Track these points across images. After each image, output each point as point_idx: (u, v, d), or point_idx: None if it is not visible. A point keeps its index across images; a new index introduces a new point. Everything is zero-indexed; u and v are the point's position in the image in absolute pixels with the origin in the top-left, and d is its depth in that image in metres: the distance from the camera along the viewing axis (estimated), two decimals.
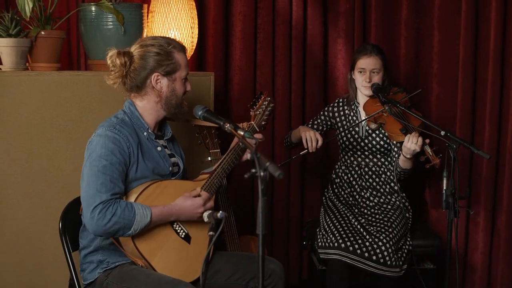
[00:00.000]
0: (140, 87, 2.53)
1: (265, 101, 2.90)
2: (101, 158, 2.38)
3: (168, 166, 2.58)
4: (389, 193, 3.32)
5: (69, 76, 3.03)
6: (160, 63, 2.49)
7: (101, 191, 2.34)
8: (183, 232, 2.53)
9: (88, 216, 2.33)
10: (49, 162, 3.00)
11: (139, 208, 2.36)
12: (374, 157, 3.34)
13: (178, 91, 2.55)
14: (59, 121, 3.00)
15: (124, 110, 2.56)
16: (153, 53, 2.49)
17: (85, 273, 2.52)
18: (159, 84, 2.52)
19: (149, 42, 2.52)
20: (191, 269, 2.51)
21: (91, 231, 2.37)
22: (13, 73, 2.98)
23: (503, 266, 3.68)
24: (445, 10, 3.66)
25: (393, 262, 3.00)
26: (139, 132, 2.52)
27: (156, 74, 2.50)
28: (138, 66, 2.50)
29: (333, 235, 3.07)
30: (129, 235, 2.36)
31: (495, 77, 3.60)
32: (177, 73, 2.53)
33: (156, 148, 2.56)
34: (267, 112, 2.89)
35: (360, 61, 3.25)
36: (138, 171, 2.46)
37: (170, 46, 2.51)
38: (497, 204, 3.69)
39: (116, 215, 2.32)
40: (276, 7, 3.72)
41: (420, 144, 2.96)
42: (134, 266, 2.45)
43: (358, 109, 3.36)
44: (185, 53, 2.58)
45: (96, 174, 2.36)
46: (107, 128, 2.44)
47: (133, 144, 2.46)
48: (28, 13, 2.95)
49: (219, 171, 2.64)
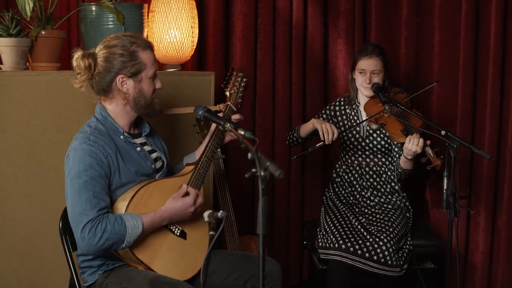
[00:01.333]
0: (107, 90, 2.46)
1: (237, 77, 2.84)
2: (80, 174, 2.33)
3: (150, 164, 2.53)
4: (389, 192, 3.32)
5: (70, 76, 3.00)
6: (125, 64, 2.41)
7: (86, 209, 2.29)
8: (178, 229, 2.51)
9: (78, 237, 2.31)
10: (49, 162, 2.99)
11: (129, 220, 2.32)
12: (375, 157, 3.34)
13: (146, 91, 2.47)
14: (59, 121, 3.00)
15: (96, 117, 2.49)
16: (117, 54, 2.40)
17: (85, 275, 2.51)
18: (125, 86, 2.44)
19: (113, 43, 2.43)
20: (190, 266, 2.50)
21: (85, 251, 2.36)
22: (13, 73, 2.98)
23: (503, 266, 3.68)
24: (446, 10, 3.66)
25: (393, 262, 3.00)
26: (115, 137, 2.46)
27: (121, 76, 2.42)
28: (103, 69, 2.42)
29: (333, 236, 3.07)
30: (123, 248, 2.33)
31: (496, 77, 3.60)
32: (143, 73, 2.45)
33: (135, 149, 2.51)
34: (242, 88, 2.83)
35: (361, 62, 3.25)
36: (122, 177, 2.42)
37: (133, 45, 2.42)
38: (497, 204, 3.69)
39: (106, 231, 2.28)
40: (277, 7, 3.72)
41: (421, 145, 2.95)
42: (132, 268, 2.45)
43: (359, 109, 3.36)
44: (152, 49, 2.49)
45: (78, 192, 2.32)
46: (81, 140, 2.38)
47: (111, 153, 2.40)
48: (28, 13, 2.95)
49: (203, 161, 2.60)
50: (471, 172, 3.70)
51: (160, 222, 2.42)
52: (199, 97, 3.20)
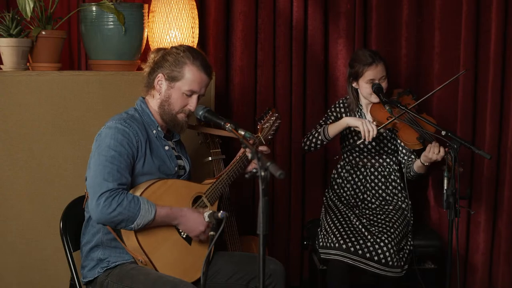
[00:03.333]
0: (150, 84, 2.58)
1: (272, 116, 2.99)
2: (109, 148, 2.40)
3: (174, 166, 2.60)
4: (391, 194, 3.32)
5: (70, 76, 3.04)
6: (169, 67, 2.53)
7: (108, 180, 2.36)
8: (185, 233, 2.53)
9: (93, 203, 2.35)
10: (49, 162, 3.00)
11: (145, 203, 2.38)
12: (380, 158, 3.34)
13: (174, 100, 2.54)
14: (60, 121, 3.00)
15: (135, 108, 2.60)
16: (170, 56, 2.54)
17: (85, 270, 2.53)
18: (159, 84, 2.56)
19: (176, 47, 2.58)
20: (191, 269, 2.51)
21: (95, 218, 2.37)
22: (14, 73, 2.98)
23: (504, 266, 3.68)
24: (446, 10, 3.66)
25: (394, 263, 3.00)
26: (149, 129, 2.55)
27: (161, 74, 2.54)
28: (156, 64, 2.57)
29: (334, 236, 3.07)
30: (131, 228, 2.37)
31: (496, 78, 3.60)
32: (178, 82, 2.53)
33: (164, 147, 2.58)
34: (274, 127, 2.97)
35: (369, 72, 3.19)
36: (145, 166, 2.48)
37: (187, 58, 2.53)
38: (498, 204, 3.69)
39: (121, 205, 2.33)
40: (277, 7, 3.71)
41: (442, 154, 2.96)
42: (133, 266, 2.46)
43: (362, 112, 3.34)
44: (206, 73, 2.55)
45: (103, 164, 2.38)
46: (117, 121, 2.47)
47: (142, 139, 2.49)
48: (29, 13, 2.95)
49: (224, 178, 2.69)
50: (472, 173, 3.70)
51: (172, 220, 2.46)
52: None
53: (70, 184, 2.99)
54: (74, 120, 3.01)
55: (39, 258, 3.02)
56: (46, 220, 2.98)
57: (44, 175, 3.00)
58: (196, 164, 3.10)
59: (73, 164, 3.01)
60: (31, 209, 3.00)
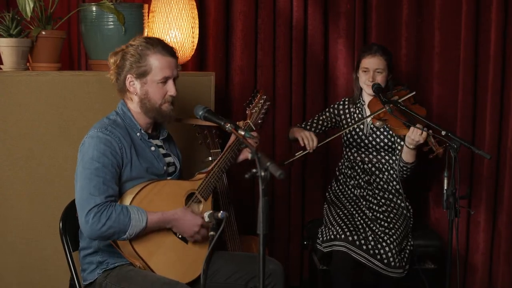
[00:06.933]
0: (123, 88, 2.53)
1: (261, 99, 2.91)
2: (93, 160, 2.37)
3: (162, 165, 2.57)
4: (391, 191, 3.32)
5: (70, 76, 3.04)
6: (132, 65, 2.47)
7: (94, 194, 2.32)
8: None
9: (82, 220, 2.33)
10: (49, 162, 2.99)
11: (135, 213, 2.35)
12: (378, 154, 3.35)
13: (152, 94, 2.49)
14: (60, 121, 3.00)
15: (117, 111, 2.55)
16: (129, 54, 2.47)
17: (85, 273, 2.52)
18: (132, 87, 2.50)
19: (132, 43, 2.51)
20: (189, 269, 2.51)
21: (86, 235, 2.36)
22: (13, 73, 2.97)
23: (503, 266, 3.68)
24: (446, 10, 3.66)
25: (396, 264, 3.00)
26: (132, 132, 2.51)
27: (129, 75, 2.48)
28: (118, 68, 2.51)
29: (339, 227, 3.07)
30: (124, 239, 2.35)
31: (496, 77, 3.60)
32: (149, 76, 2.48)
33: (149, 148, 2.55)
34: (263, 110, 2.91)
35: (364, 61, 3.27)
36: (133, 171, 2.45)
37: (146, 48, 2.46)
38: (497, 204, 3.69)
39: (111, 219, 2.30)
40: (277, 7, 3.72)
41: (424, 136, 2.97)
42: (132, 267, 2.46)
43: (363, 107, 3.36)
44: (170, 55, 2.50)
45: (88, 177, 2.35)
46: (98, 129, 2.43)
47: (125, 145, 2.44)
48: (28, 13, 2.95)
49: (215, 171, 2.65)
50: (472, 173, 3.70)
51: (164, 224, 2.44)
52: (200, 97, 3.19)
53: (70, 184, 2.96)
54: (74, 120, 3.01)
55: (39, 258, 3.02)
56: (46, 220, 2.97)
57: (44, 175, 3.00)
58: (196, 164, 3.10)
59: (73, 164, 2.97)
60: (31, 209, 2.99)
